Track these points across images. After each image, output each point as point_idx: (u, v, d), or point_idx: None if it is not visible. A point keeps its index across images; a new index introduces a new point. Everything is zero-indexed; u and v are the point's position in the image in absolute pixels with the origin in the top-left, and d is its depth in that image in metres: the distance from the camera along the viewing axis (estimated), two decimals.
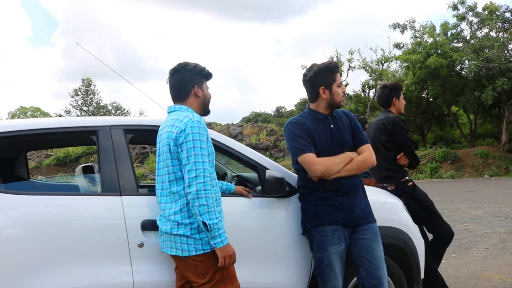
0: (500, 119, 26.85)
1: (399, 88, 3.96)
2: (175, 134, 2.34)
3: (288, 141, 2.79)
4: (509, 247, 6.20)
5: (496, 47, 23.25)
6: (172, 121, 2.42)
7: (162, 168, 2.44)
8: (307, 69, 2.87)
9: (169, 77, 2.59)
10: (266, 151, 25.58)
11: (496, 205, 10.77)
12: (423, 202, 3.76)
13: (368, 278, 2.66)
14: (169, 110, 2.57)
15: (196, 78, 2.56)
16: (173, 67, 2.59)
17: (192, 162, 2.28)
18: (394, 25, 27.54)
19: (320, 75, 2.78)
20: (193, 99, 2.55)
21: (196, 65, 2.58)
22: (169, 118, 2.47)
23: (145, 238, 2.56)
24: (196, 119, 2.38)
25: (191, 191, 2.25)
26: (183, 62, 2.58)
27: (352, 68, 31.57)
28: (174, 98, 2.58)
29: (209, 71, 2.63)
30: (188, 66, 2.55)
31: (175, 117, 2.42)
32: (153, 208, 2.65)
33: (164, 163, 2.42)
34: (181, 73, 2.55)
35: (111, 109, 41.01)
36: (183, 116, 2.40)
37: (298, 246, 2.86)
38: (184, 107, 2.52)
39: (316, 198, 2.72)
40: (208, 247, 2.33)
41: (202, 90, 2.58)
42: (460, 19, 26.57)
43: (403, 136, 3.75)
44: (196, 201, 2.25)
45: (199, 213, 2.25)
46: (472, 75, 23.72)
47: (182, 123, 2.35)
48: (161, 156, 2.45)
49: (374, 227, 2.77)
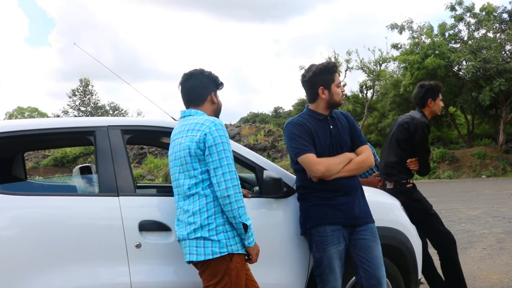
0: (498, 119, 26.91)
1: (437, 90, 3.84)
2: (198, 137, 2.33)
3: (288, 141, 2.79)
4: (506, 247, 6.22)
5: (494, 48, 23.31)
6: (192, 125, 2.40)
7: (180, 172, 2.41)
8: (306, 69, 2.88)
9: (182, 81, 2.57)
10: (264, 151, 25.58)
11: (494, 205, 10.80)
12: (421, 205, 3.73)
13: (367, 278, 2.67)
14: (184, 115, 2.54)
15: (212, 84, 2.58)
16: (188, 71, 2.59)
17: (225, 165, 2.29)
18: (392, 26, 27.58)
19: (319, 76, 2.79)
20: (208, 105, 2.56)
21: (211, 73, 2.59)
22: (187, 123, 2.45)
23: (142, 238, 2.56)
24: (219, 121, 2.39)
25: (229, 194, 2.27)
26: (199, 68, 2.59)
27: (350, 68, 31.57)
28: (190, 102, 2.56)
29: (221, 81, 2.64)
30: (205, 73, 2.57)
31: (195, 121, 2.40)
32: (150, 208, 2.66)
33: (183, 168, 2.38)
34: (198, 78, 2.55)
35: (109, 110, 41.01)
36: (203, 119, 2.39)
37: (296, 247, 2.86)
38: (200, 112, 2.50)
39: (316, 198, 2.73)
40: (225, 249, 2.31)
41: (216, 97, 2.60)
42: (458, 19, 26.64)
43: (422, 142, 3.66)
44: (235, 204, 2.28)
45: (239, 215, 2.29)
46: (470, 76, 23.79)
47: (206, 126, 2.34)
48: (178, 161, 2.41)
49: (373, 228, 2.77)
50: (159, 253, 2.61)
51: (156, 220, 2.61)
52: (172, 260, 2.59)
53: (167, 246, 2.60)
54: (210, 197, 2.33)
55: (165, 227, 2.60)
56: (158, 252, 2.61)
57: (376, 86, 32.33)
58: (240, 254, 2.37)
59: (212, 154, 2.30)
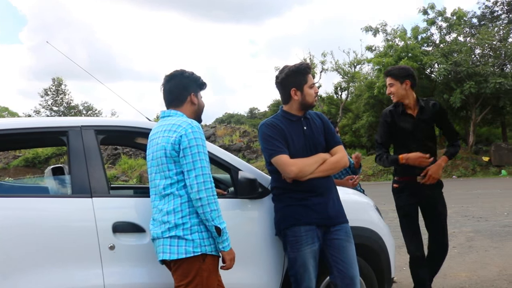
0: (468, 121, 27.56)
1: None
2: (174, 138, 2.33)
3: (262, 143, 2.81)
4: (475, 245, 6.38)
5: (464, 52, 23.90)
6: (169, 125, 2.40)
7: (156, 173, 2.42)
8: (279, 71, 2.90)
9: (164, 82, 2.58)
10: (239, 152, 25.59)
11: (464, 205, 11.07)
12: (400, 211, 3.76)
13: (341, 278, 2.70)
14: (163, 115, 2.54)
15: (193, 85, 2.58)
16: (170, 73, 2.59)
17: (198, 167, 2.28)
18: (367, 28, 27.98)
19: (291, 77, 2.80)
20: (188, 106, 2.56)
21: (193, 73, 2.60)
22: (165, 123, 2.44)
23: (116, 240, 2.53)
24: (196, 124, 2.39)
25: (201, 197, 2.26)
26: (180, 69, 2.59)
27: (325, 70, 31.93)
28: (169, 103, 2.56)
29: (204, 81, 2.64)
30: (186, 73, 2.57)
31: (172, 122, 2.40)
32: (125, 209, 2.63)
33: (159, 168, 2.39)
34: (178, 79, 2.55)
35: (82, 110, 40.33)
36: (181, 121, 2.39)
37: (270, 247, 2.88)
38: (179, 113, 2.51)
39: (290, 199, 2.74)
40: (198, 249, 2.30)
41: (197, 98, 2.59)
42: (430, 23, 27.24)
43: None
44: (208, 207, 2.27)
45: (212, 218, 2.28)
46: (441, 78, 24.35)
47: (182, 128, 2.34)
48: (155, 161, 2.42)
49: (346, 227, 2.81)
50: (134, 254, 2.58)
51: (130, 221, 2.59)
52: (147, 261, 2.57)
53: (142, 248, 2.58)
54: (185, 198, 2.33)
55: (139, 228, 2.58)
56: (133, 253, 2.58)
57: (350, 87, 32.73)
58: (214, 255, 2.37)
59: (186, 156, 2.30)
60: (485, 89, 22.61)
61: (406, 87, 3.54)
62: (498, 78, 22.50)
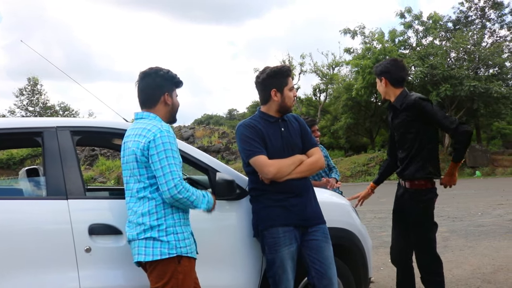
0: None
1: None
2: (143, 144, 2.31)
3: (240, 144, 2.81)
4: (450, 245, 6.50)
5: (440, 55, 24.36)
6: (139, 129, 2.37)
7: (129, 176, 2.40)
8: (260, 71, 2.90)
9: (138, 80, 2.52)
10: (218, 153, 25.54)
11: (439, 205, 11.19)
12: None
13: (318, 278, 2.71)
14: (136, 117, 2.51)
15: (167, 85, 2.52)
16: (144, 70, 2.53)
17: (167, 173, 2.27)
18: (345, 31, 28.26)
19: (273, 78, 2.81)
20: (162, 107, 2.51)
21: (168, 72, 2.53)
22: (137, 126, 2.41)
23: (92, 242, 2.50)
24: (165, 128, 2.36)
25: (177, 199, 2.28)
26: (155, 67, 2.53)
27: (303, 72, 32.11)
28: (142, 103, 2.52)
29: (180, 79, 2.59)
30: (160, 72, 2.50)
31: (143, 126, 2.37)
32: (101, 211, 2.60)
33: (132, 172, 2.38)
34: (152, 78, 2.49)
35: (58, 110, 39.62)
36: (151, 125, 2.36)
37: (248, 248, 2.88)
38: (152, 115, 2.47)
39: (268, 200, 2.75)
40: (174, 251, 2.30)
41: (172, 97, 2.54)
42: (407, 27, 27.65)
43: None
44: (187, 202, 2.32)
45: (195, 207, 2.38)
46: (418, 81, 24.74)
47: (151, 133, 2.31)
48: (128, 165, 2.40)
49: (324, 228, 2.83)
50: (110, 257, 2.55)
51: (107, 223, 2.56)
52: (124, 264, 2.54)
53: (118, 250, 2.55)
54: (159, 200, 2.33)
55: (116, 230, 2.55)
56: (109, 256, 2.55)
57: (329, 89, 33.02)
58: (190, 257, 2.37)
59: (154, 162, 2.29)
60: (460, 91, 23.09)
61: (383, 84, 3.41)
62: (472, 81, 23.01)
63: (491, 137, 34.91)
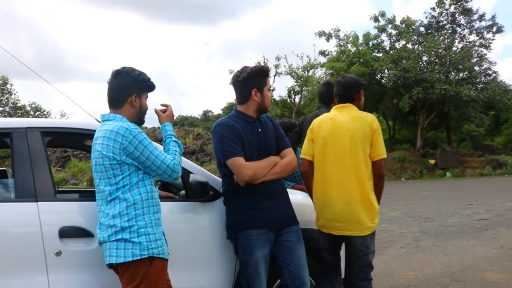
0: (416, 125, 28.61)
1: None
2: (113, 148, 2.30)
3: (217, 143, 2.77)
4: (421, 245, 6.63)
5: (412, 59, 24.82)
6: (108, 132, 2.34)
7: (100, 179, 2.37)
8: (239, 70, 2.87)
9: (110, 78, 2.50)
10: (192, 155, 25.41)
11: (411, 206, 11.47)
12: None
13: (291, 279, 2.73)
14: (103, 119, 2.49)
15: (136, 87, 2.49)
16: (117, 69, 2.50)
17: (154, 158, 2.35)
18: (320, 33, 28.49)
19: (253, 77, 2.80)
20: (128, 108, 2.48)
21: (140, 74, 2.51)
22: (105, 128, 2.38)
23: (63, 245, 2.45)
24: (133, 126, 2.36)
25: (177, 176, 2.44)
26: (128, 67, 2.50)
27: (278, 73, 32.21)
28: (110, 102, 2.50)
29: (153, 83, 2.57)
30: (132, 73, 2.48)
31: (110, 128, 2.35)
32: (72, 214, 2.56)
33: (103, 174, 2.35)
34: (122, 78, 2.47)
35: (29, 110, 38.70)
36: (118, 127, 2.33)
37: (222, 250, 2.87)
38: (118, 117, 2.44)
39: (242, 202, 2.75)
40: (146, 252, 2.28)
41: (140, 100, 2.52)
42: (381, 30, 28.09)
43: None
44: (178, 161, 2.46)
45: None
46: (391, 84, 25.17)
47: (120, 136, 2.30)
48: (98, 167, 2.37)
49: (297, 229, 2.85)
50: (81, 260, 2.51)
51: (78, 225, 2.52)
52: (95, 267, 2.50)
53: (90, 253, 2.51)
54: (130, 201, 2.31)
55: (87, 233, 2.51)
56: (80, 259, 2.51)
57: (303, 91, 33.20)
58: (162, 258, 2.35)
59: (138, 157, 2.32)
60: (432, 94, 23.58)
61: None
62: (443, 85, 23.52)
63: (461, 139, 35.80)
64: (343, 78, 3.27)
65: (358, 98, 3.23)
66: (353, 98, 3.18)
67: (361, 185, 2.92)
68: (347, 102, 3.17)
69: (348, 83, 3.19)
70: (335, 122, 3.06)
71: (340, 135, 3.00)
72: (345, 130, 2.99)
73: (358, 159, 2.92)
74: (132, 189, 2.33)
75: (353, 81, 3.21)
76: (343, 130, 3.00)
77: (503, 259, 5.51)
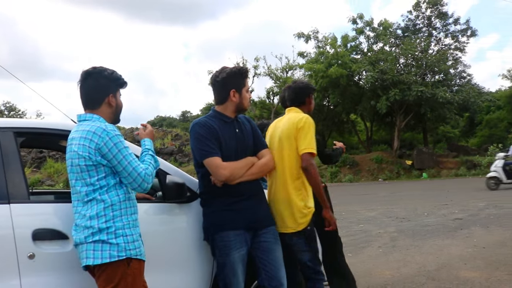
0: (393, 127, 29.03)
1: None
2: (89, 148, 2.26)
3: (194, 142, 2.75)
4: (398, 245, 6.72)
5: (390, 61, 25.20)
6: (85, 132, 2.31)
7: (77, 179, 2.33)
8: (218, 70, 2.85)
9: (80, 79, 2.44)
10: (171, 155, 25.26)
11: (388, 206, 11.63)
12: None
13: (268, 280, 2.73)
14: (79, 119, 2.44)
15: (111, 86, 2.46)
16: (87, 69, 2.45)
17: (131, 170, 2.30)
18: (299, 35, 28.70)
19: (232, 78, 2.79)
20: (106, 108, 2.45)
21: (113, 73, 2.47)
22: (81, 129, 2.34)
23: (36, 248, 2.40)
24: (111, 128, 2.33)
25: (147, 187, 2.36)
26: (99, 67, 2.46)
27: (257, 74, 32.27)
28: (86, 104, 2.45)
29: (125, 79, 2.54)
30: (105, 73, 2.44)
31: (87, 128, 2.31)
32: (46, 216, 2.50)
33: (79, 175, 2.32)
34: (96, 79, 2.42)
35: (4, 110, 37.92)
36: (95, 127, 2.30)
37: (199, 252, 2.85)
38: (95, 117, 2.41)
39: (219, 203, 2.73)
40: (123, 253, 2.25)
41: (116, 99, 2.49)
42: (359, 32, 28.44)
43: None
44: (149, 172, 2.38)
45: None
46: (369, 86, 25.49)
47: (98, 137, 2.27)
48: (74, 168, 2.33)
49: (274, 230, 2.85)
50: (55, 263, 2.46)
51: (52, 228, 2.46)
52: (70, 269, 2.45)
53: (64, 256, 2.46)
54: (108, 202, 2.29)
55: (62, 235, 2.46)
56: (54, 262, 2.46)
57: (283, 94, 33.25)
58: (139, 260, 2.33)
59: (111, 160, 2.29)
60: (409, 96, 23.97)
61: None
62: (419, 87, 23.94)
63: (437, 141, 36.50)
64: (294, 83, 3.44)
65: (309, 102, 3.39)
66: (303, 102, 3.35)
67: (284, 185, 2.97)
68: (298, 106, 3.32)
69: (299, 87, 3.37)
70: (276, 126, 3.21)
71: (274, 137, 3.13)
72: (278, 132, 3.12)
73: (283, 159, 2.99)
74: (110, 190, 2.30)
75: (304, 85, 3.40)
76: (277, 132, 3.13)
77: (476, 257, 5.63)
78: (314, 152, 2.93)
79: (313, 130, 3.02)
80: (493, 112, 38.52)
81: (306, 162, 2.90)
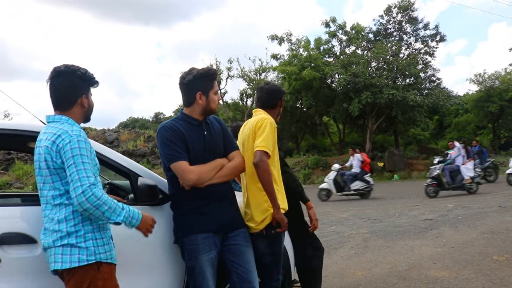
0: (365, 129, 29.44)
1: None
2: (54, 152, 2.21)
3: (161, 147, 2.71)
4: (370, 245, 6.81)
5: (362, 64, 25.56)
6: (50, 135, 2.25)
7: (43, 183, 2.28)
8: (186, 72, 2.80)
9: (51, 77, 2.34)
10: (143, 157, 24.98)
11: (361, 207, 11.77)
12: None
13: (240, 283, 2.71)
14: (48, 120, 2.36)
15: (84, 86, 2.39)
16: (58, 67, 2.34)
17: (76, 179, 2.13)
18: (273, 37, 28.81)
19: (199, 80, 2.74)
20: (78, 109, 2.38)
21: (86, 72, 2.38)
22: (49, 131, 2.28)
23: (3, 253, 2.33)
24: (76, 133, 2.24)
25: (85, 208, 2.12)
26: (72, 66, 2.36)
27: (231, 76, 32.26)
28: (56, 105, 2.36)
29: (97, 79, 2.45)
30: (78, 72, 2.34)
31: (54, 131, 2.25)
32: (13, 219, 2.44)
33: (45, 179, 2.26)
34: (68, 78, 2.33)
35: None
36: (61, 130, 2.24)
37: (171, 255, 2.82)
38: (64, 118, 2.33)
39: (187, 206, 2.70)
40: (93, 257, 2.21)
41: (88, 99, 2.42)
42: (332, 36, 28.76)
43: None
44: (98, 211, 2.14)
45: (107, 218, 2.18)
46: (341, 88, 25.81)
47: (61, 140, 2.21)
48: (41, 171, 2.27)
49: (245, 232, 2.83)
50: (24, 267, 2.39)
51: (20, 231, 2.40)
52: (39, 274, 2.40)
53: (33, 260, 2.40)
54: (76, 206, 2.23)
55: (30, 239, 2.40)
56: (23, 266, 2.39)
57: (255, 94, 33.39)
58: (110, 263, 2.29)
59: (68, 167, 2.18)
60: (380, 99, 24.36)
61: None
62: (391, 90, 24.36)
63: (407, 143, 37.23)
64: (267, 85, 3.45)
65: (280, 105, 3.42)
66: (276, 104, 3.38)
67: (248, 185, 2.97)
68: (269, 108, 3.33)
69: (272, 89, 3.39)
70: (243, 128, 3.21)
71: (240, 139, 3.15)
72: (243, 135, 3.11)
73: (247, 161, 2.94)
74: None
75: (277, 88, 3.43)
76: (242, 135, 3.14)
77: (445, 257, 5.75)
78: (268, 151, 2.82)
79: (272, 131, 2.94)
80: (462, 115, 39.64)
81: (257, 158, 2.78)
